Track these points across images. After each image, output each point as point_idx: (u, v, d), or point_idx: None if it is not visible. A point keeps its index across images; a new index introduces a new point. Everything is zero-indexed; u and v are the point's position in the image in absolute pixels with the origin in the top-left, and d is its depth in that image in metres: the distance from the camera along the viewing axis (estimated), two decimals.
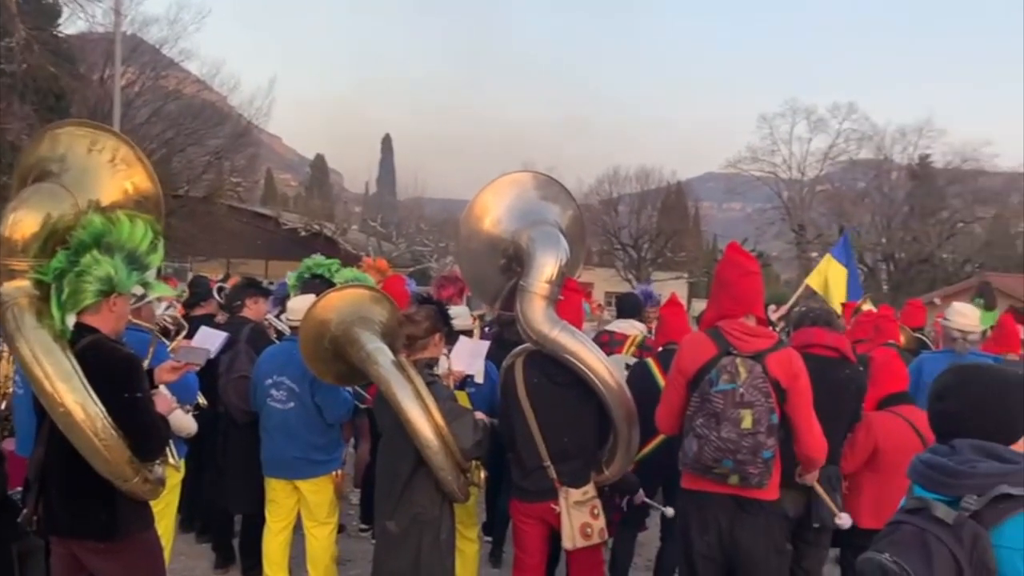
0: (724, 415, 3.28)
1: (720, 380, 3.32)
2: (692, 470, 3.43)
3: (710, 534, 3.44)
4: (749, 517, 3.42)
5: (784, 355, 3.45)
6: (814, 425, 3.50)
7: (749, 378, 3.31)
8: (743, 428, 3.26)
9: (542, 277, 3.77)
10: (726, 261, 3.70)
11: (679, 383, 3.52)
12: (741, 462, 3.28)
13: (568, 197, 4.39)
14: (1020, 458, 1.81)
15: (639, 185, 51.96)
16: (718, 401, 3.30)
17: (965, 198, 42.19)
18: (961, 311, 5.39)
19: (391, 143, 73.93)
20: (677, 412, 3.55)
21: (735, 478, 3.33)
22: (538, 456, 3.85)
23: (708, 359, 3.41)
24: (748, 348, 3.40)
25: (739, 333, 3.45)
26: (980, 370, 2.01)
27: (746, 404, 3.28)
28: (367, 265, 7.80)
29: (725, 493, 3.41)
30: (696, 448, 3.33)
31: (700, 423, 3.33)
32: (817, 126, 46.57)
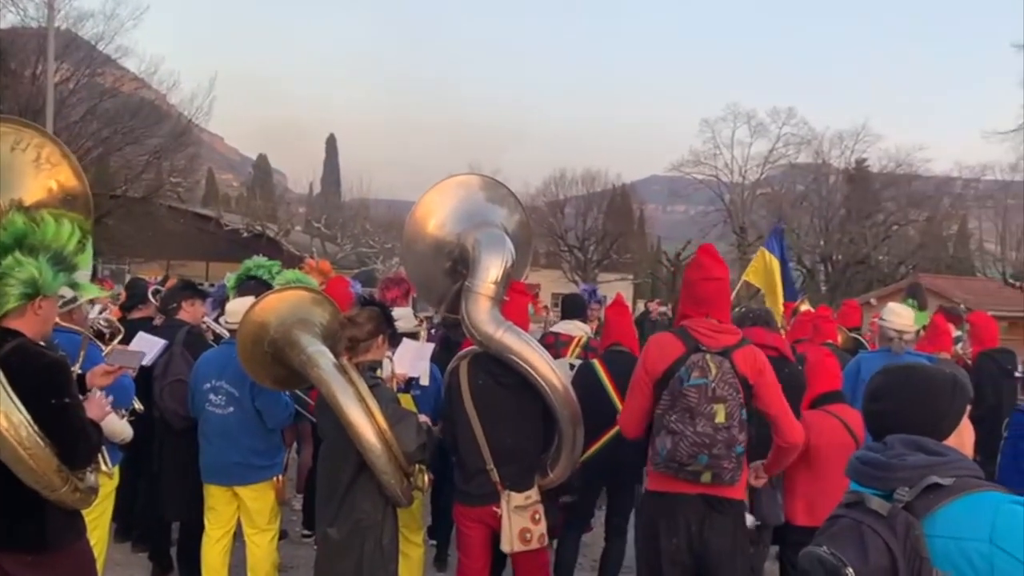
0: (698, 410, 3.27)
1: (692, 376, 3.33)
2: (664, 469, 3.39)
3: (679, 536, 3.41)
4: (719, 517, 3.42)
5: (749, 351, 3.49)
6: (790, 412, 3.55)
7: (719, 373, 3.32)
8: (717, 422, 3.27)
9: (488, 278, 3.76)
10: (693, 263, 3.75)
11: (645, 384, 3.51)
12: (716, 456, 3.27)
13: (514, 200, 4.40)
14: (948, 451, 1.86)
15: (585, 188, 52.39)
16: (692, 396, 3.29)
17: (899, 201, 43.47)
18: (896, 311, 5.53)
19: (336, 143, 73.12)
20: (643, 414, 3.54)
21: (707, 475, 3.32)
22: (481, 459, 3.83)
23: (676, 357, 3.42)
24: (716, 344, 3.43)
25: (706, 330, 3.47)
26: (911, 371, 2.05)
27: (719, 399, 3.29)
28: (310, 267, 7.66)
29: (695, 493, 3.39)
30: (671, 445, 3.30)
31: (674, 419, 3.31)
32: (757, 130, 47.62)
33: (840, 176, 45.96)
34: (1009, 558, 1.67)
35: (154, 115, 31.13)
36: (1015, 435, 4.74)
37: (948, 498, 1.75)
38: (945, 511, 1.75)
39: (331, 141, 72.39)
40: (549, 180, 52.42)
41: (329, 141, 72.79)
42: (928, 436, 1.90)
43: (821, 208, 44.70)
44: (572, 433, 3.90)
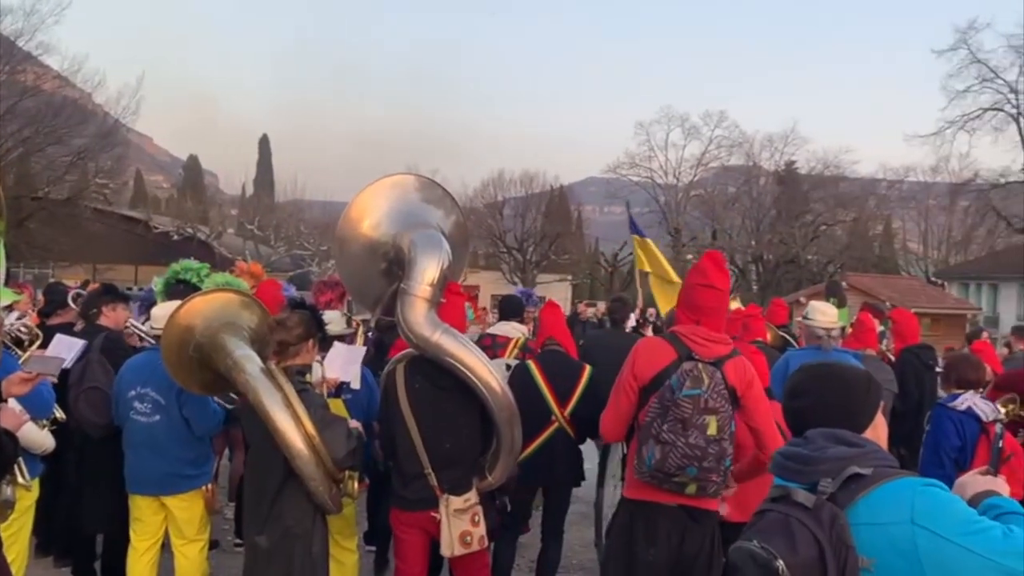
0: (691, 421, 3.19)
1: (684, 385, 3.24)
2: (649, 479, 3.31)
3: (659, 547, 3.37)
4: (699, 527, 3.39)
5: (739, 363, 3.45)
6: (775, 427, 3.47)
7: (712, 384, 3.24)
8: (709, 435, 3.19)
9: (424, 280, 3.71)
10: (696, 267, 3.65)
11: (631, 388, 3.44)
12: (706, 469, 3.20)
13: (451, 201, 4.34)
14: (866, 442, 1.94)
15: (523, 189, 52.57)
16: (686, 406, 3.20)
17: (827, 202, 44.73)
18: (821, 310, 5.66)
19: (269, 144, 71.74)
20: (627, 418, 3.49)
21: (693, 487, 3.26)
22: (419, 464, 3.78)
23: (667, 364, 3.37)
24: (708, 354, 3.37)
25: (699, 339, 3.41)
26: (827, 369, 2.13)
27: (711, 410, 3.21)
28: (241, 270, 7.49)
29: (676, 504, 3.35)
30: (660, 455, 3.21)
31: (666, 429, 3.21)
32: (691, 133, 48.50)
33: (770, 178, 47.11)
34: (931, 535, 1.73)
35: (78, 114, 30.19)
36: (936, 429, 4.90)
37: (869, 487, 1.82)
38: (867, 499, 1.81)
39: (264, 141, 71.02)
40: (487, 181, 52.50)
41: (262, 142, 71.39)
42: (848, 429, 1.97)
43: (752, 209, 45.73)
44: (510, 435, 3.89)
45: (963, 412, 4.79)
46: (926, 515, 1.75)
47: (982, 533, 1.73)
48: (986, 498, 1.91)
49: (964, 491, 1.97)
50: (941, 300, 32.83)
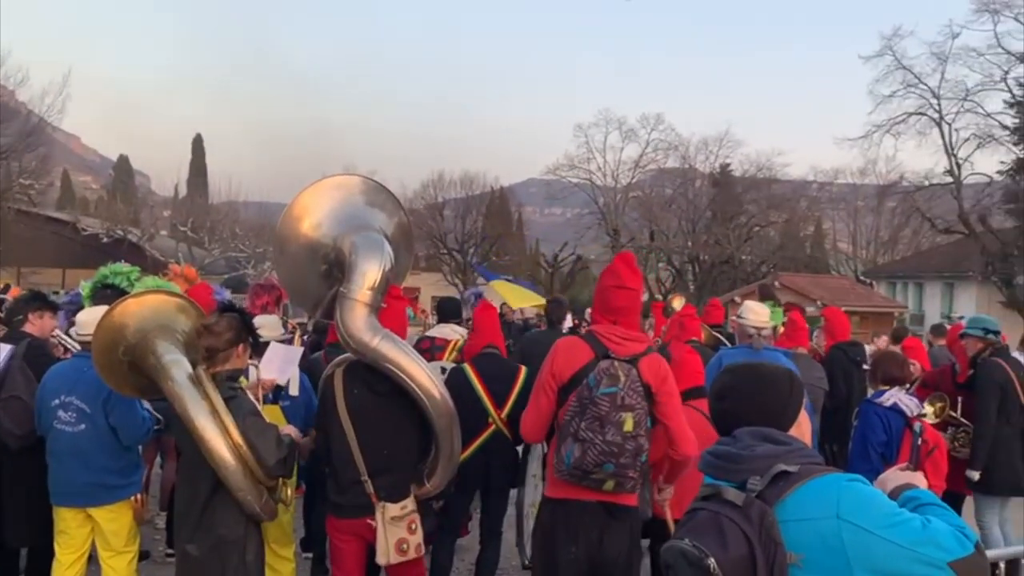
0: (608, 418, 3.26)
1: (601, 384, 3.31)
2: (568, 477, 3.36)
3: (579, 545, 3.42)
4: (618, 523, 3.44)
5: (654, 359, 3.51)
6: (686, 425, 3.57)
7: (627, 381, 3.32)
8: (626, 431, 3.26)
9: (364, 284, 3.65)
10: (608, 269, 3.74)
11: (551, 388, 3.49)
12: (623, 465, 3.27)
13: (395, 203, 4.27)
14: (792, 440, 1.99)
15: (463, 190, 52.46)
16: (604, 404, 3.27)
17: (760, 204, 45.68)
18: (753, 309, 5.78)
19: (202, 143, 70.02)
20: (547, 418, 3.53)
21: (611, 483, 3.32)
22: (356, 470, 3.72)
23: (584, 363, 3.41)
24: (624, 352, 3.44)
25: (616, 338, 3.48)
26: (752, 369, 2.17)
27: (627, 407, 3.29)
28: (174, 273, 7.31)
29: (595, 501, 3.39)
30: (578, 453, 3.27)
31: (584, 427, 3.27)
32: (628, 136, 48.89)
33: (706, 180, 47.87)
34: (856, 529, 1.78)
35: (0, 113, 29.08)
36: (864, 424, 5.05)
37: (796, 484, 1.86)
38: (794, 496, 1.85)
39: (198, 141, 69.29)
40: (427, 182, 52.22)
41: (196, 141, 69.64)
42: (774, 427, 2.01)
43: (688, 211, 46.42)
44: (450, 442, 3.85)
45: (889, 408, 4.94)
46: (850, 510, 1.80)
47: (903, 525, 1.79)
48: (905, 491, 1.98)
49: (885, 486, 2.03)
50: (869, 299, 33.85)
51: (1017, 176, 28.38)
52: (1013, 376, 5.71)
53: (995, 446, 5.69)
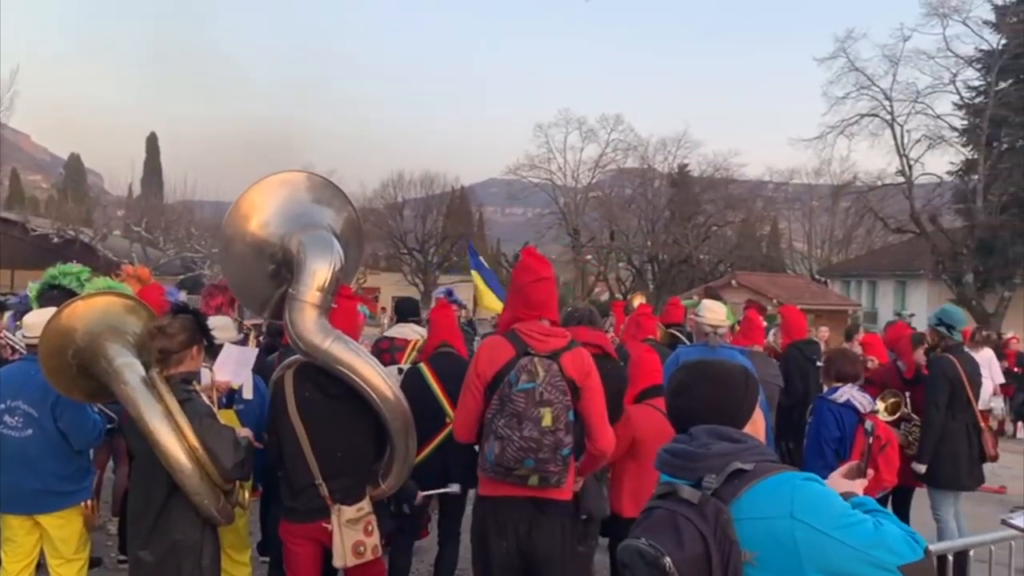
0: (525, 414, 3.31)
1: (520, 380, 3.35)
2: (492, 474, 3.41)
3: (508, 539, 3.45)
4: (547, 519, 3.47)
5: (577, 354, 3.54)
6: (606, 420, 3.61)
7: (547, 377, 3.36)
8: (544, 426, 3.31)
9: (313, 285, 3.59)
10: (520, 266, 3.76)
11: (477, 387, 3.52)
12: (543, 460, 3.31)
13: (344, 200, 4.22)
14: (747, 438, 2.00)
15: (424, 190, 52.30)
16: (520, 401, 3.33)
17: (718, 204, 46.24)
18: (710, 307, 5.83)
19: (157, 142, 68.72)
20: (476, 418, 3.54)
21: (535, 478, 3.36)
22: (309, 474, 3.67)
23: (506, 361, 3.44)
24: (544, 348, 3.47)
25: (536, 334, 3.51)
26: (707, 366, 2.18)
27: (546, 402, 3.33)
28: (127, 273, 7.15)
29: (524, 496, 3.43)
30: (498, 450, 3.33)
31: (502, 424, 3.33)
32: (588, 136, 49.18)
33: (664, 180, 48.32)
34: (809, 529, 1.80)
35: None
36: (818, 421, 5.13)
37: (751, 482, 1.87)
38: (749, 494, 1.86)
39: (152, 140, 68.02)
40: (387, 182, 51.96)
41: (150, 140, 68.36)
42: (729, 424, 2.03)
43: (647, 211, 46.82)
44: (404, 443, 3.83)
45: (842, 404, 5.03)
46: (804, 509, 1.82)
47: (856, 526, 1.82)
48: (848, 499, 1.98)
49: (836, 487, 2.05)
50: (824, 297, 34.40)
51: (966, 177, 29.07)
52: (963, 372, 5.83)
53: (942, 441, 5.81)
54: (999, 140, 27.72)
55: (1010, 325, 22.30)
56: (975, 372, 6.04)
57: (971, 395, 5.88)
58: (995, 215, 26.37)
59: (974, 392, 5.91)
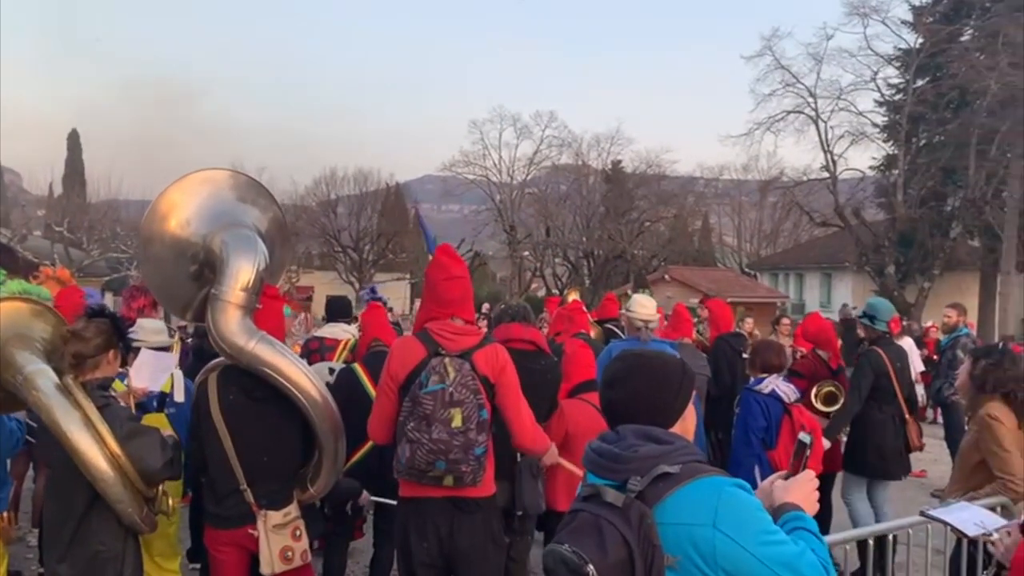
0: (434, 416, 3.31)
1: (430, 381, 3.35)
2: (407, 476, 3.41)
3: (429, 540, 3.45)
4: (467, 516, 3.46)
5: (490, 350, 3.54)
6: (524, 416, 3.60)
7: (458, 376, 3.36)
8: (454, 427, 3.30)
9: (236, 285, 3.50)
10: (433, 264, 3.73)
11: (391, 388, 3.50)
12: (454, 461, 3.31)
13: (270, 200, 4.12)
14: (675, 438, 1.98)
15: (358, 187, 51.69)
16: (428, 403, 3.32)
17: (650, 200, 46.83)
18: (641, 302, 5.92)
19: (79, 139, 66.26)
20: (389, 419, 3.53)
21: (450, 479, 3.36)
22: (234, 479, 3.58)
23: (418, 362, 3.43)
24: (455, 347, 3.46)
25: (447, 333, 3.50)
26: (642, 358, 2.13)
27: (455, 403, 3.33)
28: (46, 275, 6.89)
29: (442, 496, 3.42)
30: (409, 453, 3.33)
31: (412, 427, 3.33)
32: (522, 133, 49.23)
33: (598, 176, 48.76)
34: (729, 541, 1.80)
35: None
36: (744, 411, 5.25)
37: (676, 485, 1.85)
38: (673, 498, 1.84)
39: (73, 137, 65.50)
40: (320, 179, 51.19)
41: (71, 137, 65.87)
42: (659, 420, 2.01)
43: (583, 207, 47.16)
44: (333, 445, 3.76)
45: (768, 395, 5.15)
46: (727, 521, 1.81)
47: (775, 546, 1.82)
48: (788, 511, 1.98)
49: (770, 497, 2.03)
50: (754, 290, 35.28)
51: (887, 172, 30.09)
52: (890, 365, 5.94)
53: (868, 430, 5.91)
54: (917, 136, 28.78)
55: (930, 315, 23.17)
56: (904, 364, 6.14)
57: (897, 387, 5.98)
58: (914, 208, 27.39)
59: (901, 384, 6.00)
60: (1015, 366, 4.03)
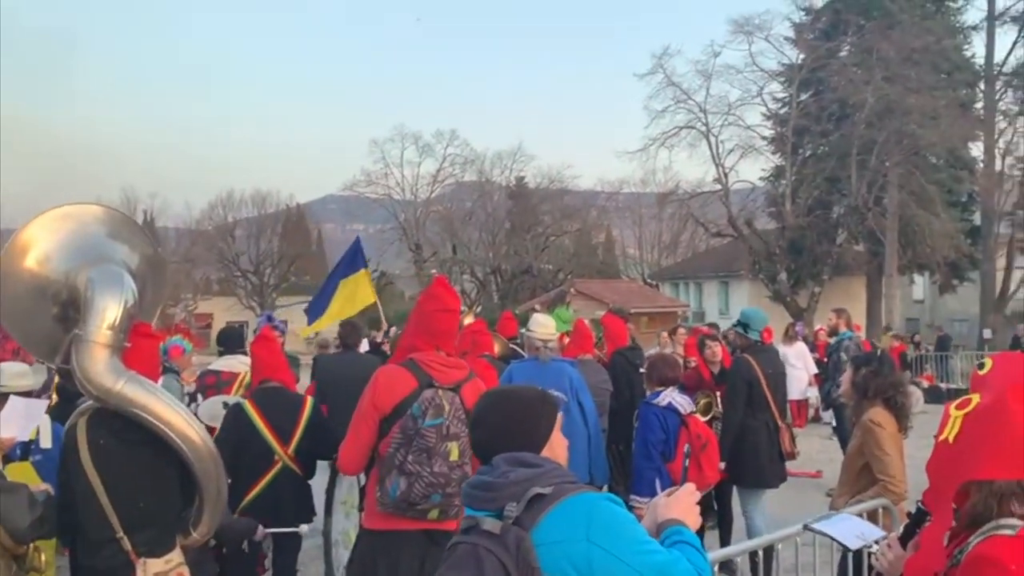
0: (436, 450, 3.25)
1: (427, 415, 3.29)
2: (392, 509, 3.32)
3: (400, 573, 3.37)
4: (439, 549, 3.34)
5: (476, 385, 3.52)
6: None
7: (451, 410, 3.32)
8: (452, 460, 3.27)
9: (103, 324, 3.30)
10: (428, 294, 3.71)
11: (372, 419, 3.42)
12: (450, 495, 3.27)
13: (142, 235, 3.94)
14: (545, 461, 2.01)
15: (256, 209, 50.51)
16: (430, 436, 3.26)
17: (554, 214, 47.52)
18: (540, 322, 5.92)
19: None
20: (366, 449, 3.46)
21: (435, 512, 3.31)
22: (109, 527, 3.37)
23: (408, 393, 3.37)
24: (447, 379, 3.43)
25: (438, 365, 3.46)
26: (500, 395, 2.23)
27: (452, 436, 3.29)
28: None
29: (416, 529, 3.36)
30: (405, 486, 3.25)
31: (411, 460, 3.26)
32: (425, 151, 49.17)
33: (503, 193, 49.12)
34: (604, 553, 1.82)
35: None
36: (643, 425, 5.31)
37: (549, 506, 1.88)
38: (548, 518, 1.86)
39: None
40: (216, 202, 49.79)
41: None
42: (527, 450, 2.03)
43: (488, 223, 47.40)
44: (215, 486, 3.59)
45: (665, 408, 5.23)
46: (600, 533, 1.84)
47: (648, 554, 1.86)
48: (672, 525, 2.02)
49: (655, 513, 2.08)
50: (655, 300, 36.11)
51: (776, 182, 31.32)
52: (760, 372, 6.08)
53: (743, 440, 6.00)
54: (803, 148, 30.03)
55: (821, 318, 24.16)
56: (776, 371, 6.29)
57: (769, 394, 6.09)
58: (802, 217, 28.56)
59: (773, 391, 6.12)
60: (893, 372, 4.21)
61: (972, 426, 2.08)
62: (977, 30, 29.04)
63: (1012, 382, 2.08)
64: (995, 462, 2.03)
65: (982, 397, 2.11)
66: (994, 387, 2.11)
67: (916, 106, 24.65)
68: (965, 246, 27.60)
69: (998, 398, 2.06)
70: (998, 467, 2.05)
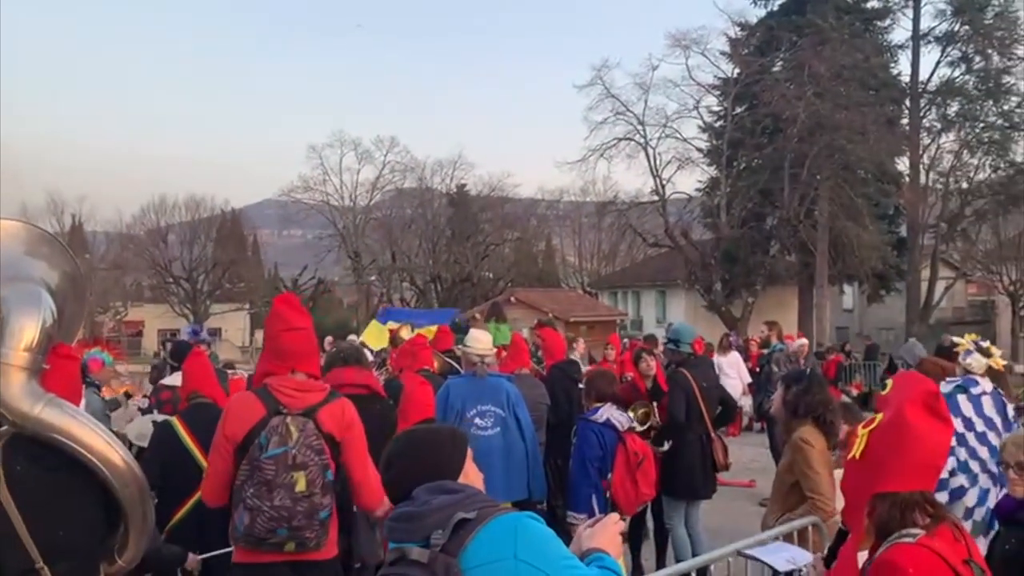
0: (276, 482, 3.13)
1: (271, 444, 3.17)
2: (244, 544, 3.22)
3: None
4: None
5: (337, 406, 3.40)
6: (370, 476, 3.45)
7: (301, 437, 3.20)
8: (298, 492, 3.15)
9: (19, 345, 3.14)
10: (272, 315, 3.55)
11: (226, 450, 3.30)
12: (297, 528, 3.15)
13: (62, 252, 3.77)
14: (465, 487, 2.01)
15: (190, 214, 49.35)
16: (269, 468, 3.14)
17: (495, 223, 47.62)
18: (476, 337, 5.89)
19: None
20: (225, 482, 3.33)
21: (291, 545, 3.20)
22: (28, 558, 3.22)
23: (257, 421, 3.25)
24: (298, 404, 3.30)
25: (289, 390, 3.33)
26: (408, 437, 2.20)
27: (299, 466, 3.17)
28: None
29: (281, 561, 3.25)
30: (248, 520, 3.15)
31: (251, 493, 3.14)
32: (364, 157, 48.67)
33: (443, 200, 48.98)
34: (532, 569, 1.83)
35: None
36: (581, 441, 5.31)
37: (474, 529, 1.87)
38: (475, 542, 1.86)
39: None
40: (148, 206, 48.51)
41: None
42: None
43: (428, 231, 47.21)
44: (140, 511, 3.46)
45: (603, 424, 5.24)
46: (527, 550, 1.85)
47: (574, 569, 1.90)
48: (591, 554, 2.06)
49: (580, 543, 2.11)
50: (595, 308, 36.37)
51: (712, 194, 31.95)
52: (695, 385, 6.19)
53: (677, 453, 6.10)
54: (737, 160, 30.74)
55: (755, 327, 24.69)
56: (711, 383, 6.41)
57: (703, 406, 6.20)
58: (736, 228, 29.21)
59: (707, 403, 6.23)
60: (823, 390, 4.30)
61: (876, 442, 2.24)
62: (903, 49, 30.20)
63: (909, 397, 2.21)
64: (897, 475, 2.18)
65: (884, 414, 2.24)
66: (893, 404, 2.23)
67: (845, 122, 25.48)
68: (892, 257, 28.61)
69: (897, 413, 2.20)
70: (900, 479, 2.20)
